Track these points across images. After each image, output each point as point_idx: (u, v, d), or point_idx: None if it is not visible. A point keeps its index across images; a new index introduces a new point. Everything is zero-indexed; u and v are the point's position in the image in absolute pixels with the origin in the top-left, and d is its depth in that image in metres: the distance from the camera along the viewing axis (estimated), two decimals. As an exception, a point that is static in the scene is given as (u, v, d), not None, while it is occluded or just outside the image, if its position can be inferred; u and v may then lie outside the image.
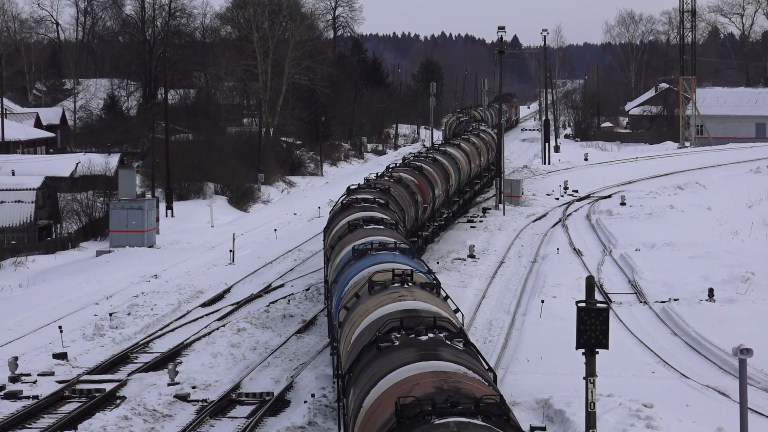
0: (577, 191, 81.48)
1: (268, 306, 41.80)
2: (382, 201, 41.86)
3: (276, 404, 29.68)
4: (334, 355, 28.44)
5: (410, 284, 24.30)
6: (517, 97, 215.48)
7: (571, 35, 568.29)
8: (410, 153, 74.72)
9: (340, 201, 43.47)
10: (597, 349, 22.27)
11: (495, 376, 17.81)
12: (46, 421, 28.61)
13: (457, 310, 24.34)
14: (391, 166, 56.69)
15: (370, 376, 18.02)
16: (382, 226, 35.03)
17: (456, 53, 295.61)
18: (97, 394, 30.59)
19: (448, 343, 18.87)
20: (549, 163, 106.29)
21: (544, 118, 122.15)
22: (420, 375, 16.62)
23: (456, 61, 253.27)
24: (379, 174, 53.55)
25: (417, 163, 56.69)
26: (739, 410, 19.70)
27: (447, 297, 25.72)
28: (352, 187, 46.48)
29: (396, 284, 24.26)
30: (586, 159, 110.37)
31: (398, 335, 19.38)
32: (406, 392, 15.73)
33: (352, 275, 27.79)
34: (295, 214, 75.11)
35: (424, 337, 19.08)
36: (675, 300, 40.59)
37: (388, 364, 17.85)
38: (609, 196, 78.41)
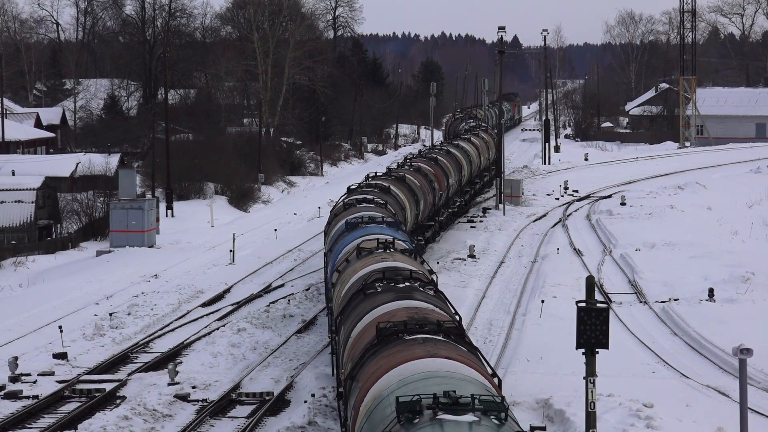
0: (577, 191, 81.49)
1: (268, 306, 41.82)
2: (385, 185, 45.77)
3: (276, 404, 29.69)
4: (329, 316, 31.18)
5: (392, 250, 28.99)
6: (519, 96, 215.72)
7: (571, 35, 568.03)
8: (424, 149, 76.24)
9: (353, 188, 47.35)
10: (597, 349, 22.28)
11: (460, 318, 21.07)
12: (46, 421, 28.62)
13: (431, 272, 27.67)
14: (409, 157, 60.97)
15: (357, 314, 22.39)
16: (373, 205, 39.90)
17: (456, 53, 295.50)
18: (97, 394, 30.60)
19: (421, 289, 23.41)
20: (549, 163, 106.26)
21: (544, 118, 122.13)
22: (397, 310, 21.05)
23: (456, 61, 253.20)
24: (399, 164, 58.40)
25: (433, 155, 61.58)
26: (739, 410, 19.70)
27: (424, 261, 30.41)
28: (370, 175, 50.57)
29: (380, 250, 28.87)
30: (586, 159, 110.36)
31: (380, 284, 23.78)
32: (385, 321, 19.86)
33: (344, 245, 32.23)
34: (295, 214, 75.09)
35: (401, 285, 23.60)
36: (675, 300, 40.60)
37: (372, 304, 22.27)
38: (609, 196, 78.42)
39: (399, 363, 17.37)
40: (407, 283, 23.76)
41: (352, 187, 46.92)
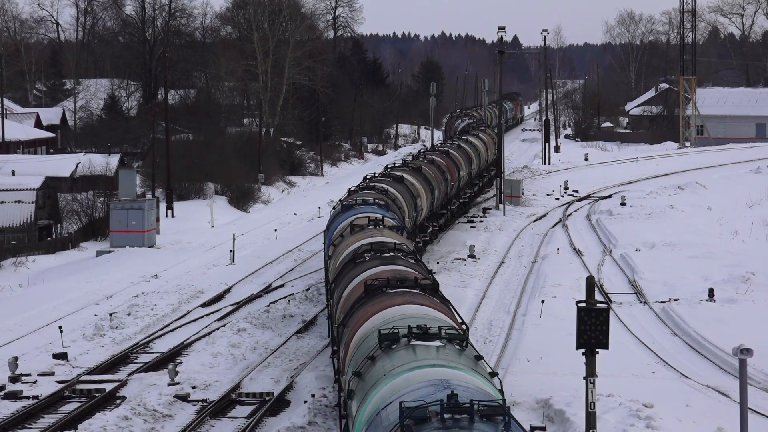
0: (577, 191, 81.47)
1: (269, 306, 41.82)
2: (398, 175, 49.32)
3: (276, 404, 29.69)
4: (326, 285, 34.73)
5: (381, 226, 33.50)
6: (521, 95, 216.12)
7: (571, 35, 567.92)
8: (437, 143, 78.55)
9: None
10: (597, 349, 22.27)
11: (435, 279, 24.16)
12: (46, 421, 28.62)
13: (414, 247, 31.22)
14: (422, 150, 65.85)
15: (349, 278, 26.54)
16: (373, 191, 43.58)
17: (456, 53, 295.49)
18: (97, 394, 30.60)
19: (403, 258, 27.66)
20: (549, 163, 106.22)
21: (544, 118, 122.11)
22: (382, 272, 24.99)
23: (456, 61, 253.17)
24: (414, 156, 62.89)
25: (444, 148, 66.63)
26: (739, 410, 19.70)
27: (409, 236, 36.14)
28: (389, 166, 55.07)
29: (370, 226, 33.40)
30: (586, 159, 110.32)
31: (369, 255, 27.84)
32: (372, 279, 23.76)
33: (339, 223, 37.11)
34: (295, 214, 75.09)
35: (387, 254, 27.75)
36: (675, 300, 40.59)
37: (361, 269, 26.40)
38: (609, 196, 78.39)
39: (382, 309, 21.05)
40: (392, 253, 27.91)
41: (369, 176, 50.29)
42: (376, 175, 51.22)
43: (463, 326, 20.44)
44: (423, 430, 13.96)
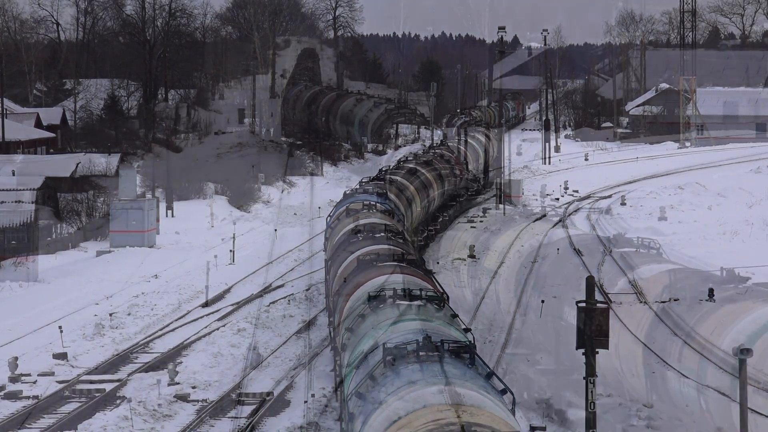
0: (577, 191, 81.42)
1: (268, 306, 41.81)
2: (411, 167, 54.07)
3: (276, 404, 29.68)
4: (325, 264, 37.92)
5: (374, 210, 38.07)
6: (523, 95, 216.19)
7: (571, 35, 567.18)
8: (438, 145, 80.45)
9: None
10: (597, 349, 22.27)
11: (423, 259, 27.88)
12: (46, 421, 28.61)
13: (404, 229, 35.04)
14: (432, 146, 70.94)
15: (344, 255, 29.99)
16: (381, 182, 48.00)
17: (456, 53, 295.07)
18: (97, 394, 30.59)
19: (392, 238, 31.43)
20: (549, 163, 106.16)
21: (544, 119, 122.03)
22: (373, 249, 28.20)
23: (456, 61, 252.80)
24: (424, 150, 68.23)
25: (452, 144, 72.53)
26: (739, 410, 19.68)
27: (401, 220, 40.95)
28: (401, 159, 59.72)
29: (364, 210, 37.94)
30: (586, 159, 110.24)
31: (362, 235, 31.79)
32: (364, 255, 27.31)
33: (338, 208, 41.30)
34: (295, 214, 75.09)
35: (378, 235, 31.65)
36: (675, 300, 40.54)
37: (354, 247, 29.86)
38: (609, 196, 78.37)
39: (372, 278, 24.18)
40: (382, 233, 31.52)
41: (384, 168, 54.16)
42: (391, 167, 54.84)
43: (444, 295, 22.86)
44: (401, 364, 16.86)
